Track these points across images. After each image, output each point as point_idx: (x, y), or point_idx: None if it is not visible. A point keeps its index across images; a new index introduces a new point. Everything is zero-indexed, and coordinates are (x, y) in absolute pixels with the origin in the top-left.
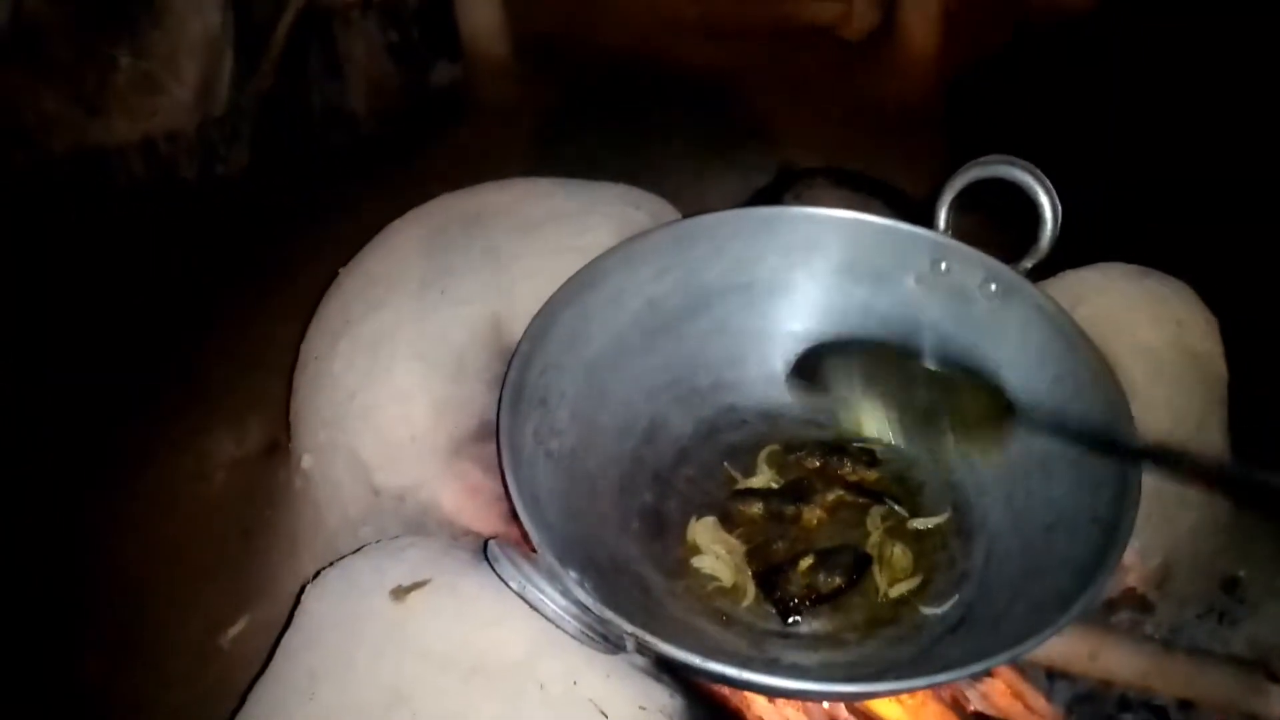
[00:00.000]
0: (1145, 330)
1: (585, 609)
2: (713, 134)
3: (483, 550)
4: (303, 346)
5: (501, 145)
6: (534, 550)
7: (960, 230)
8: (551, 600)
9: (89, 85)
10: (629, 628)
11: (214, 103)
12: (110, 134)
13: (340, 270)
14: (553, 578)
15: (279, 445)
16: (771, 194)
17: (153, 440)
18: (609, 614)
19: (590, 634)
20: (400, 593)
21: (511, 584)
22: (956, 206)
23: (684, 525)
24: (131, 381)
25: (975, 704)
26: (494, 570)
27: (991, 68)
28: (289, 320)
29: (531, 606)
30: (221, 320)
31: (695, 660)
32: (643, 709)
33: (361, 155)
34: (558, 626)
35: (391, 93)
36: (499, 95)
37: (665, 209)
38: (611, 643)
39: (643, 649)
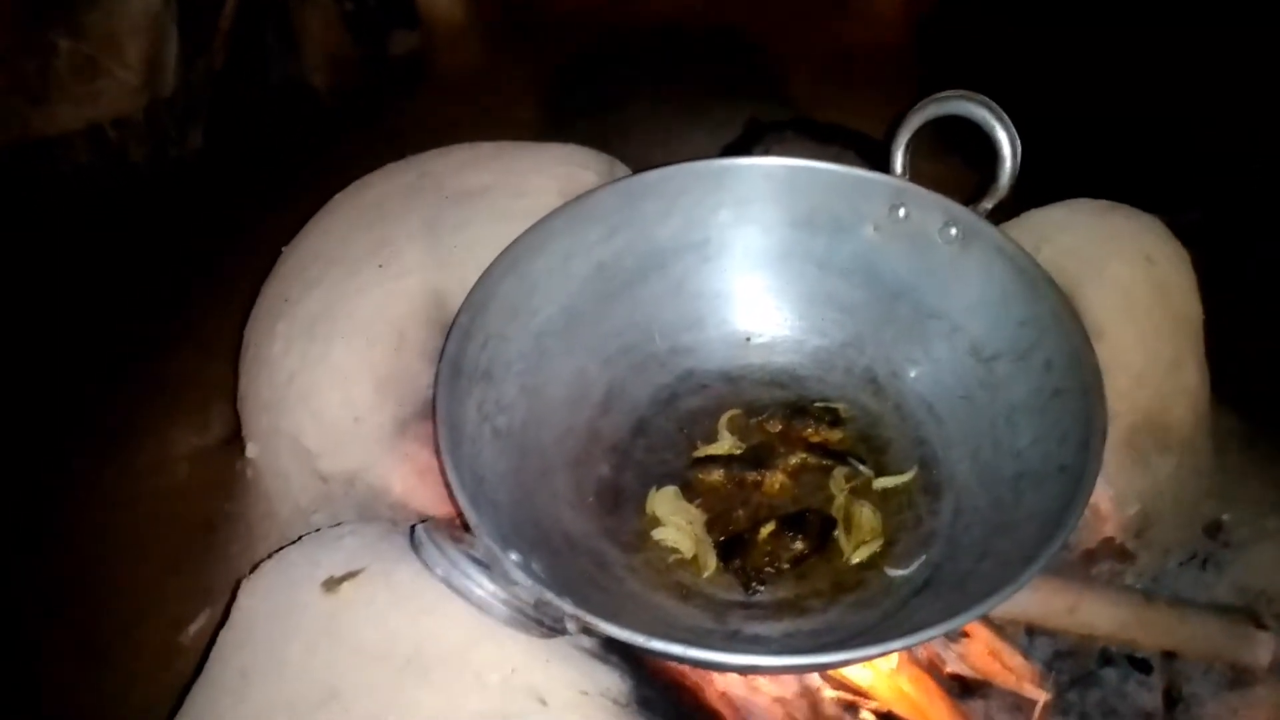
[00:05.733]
0: (1113, 268)
1: (516, 593)
2: (681, 90)
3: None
4: (245, 330)
5: (465, 113)
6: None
7: (935, 177)
8: (478, 585)
9: (28, 73)
10: (569, 609)
11: (161, 84)
12: (54, 122)
13: (283, 249)
14: (490, 561)
15: (239, 434)
16: (740, 149)
17: (113, 433)
18: (548, 595)
19: (523, 618)
20: (332, 584)
21: (436, 570)
22: (923, 151)
23: (643, 497)
24: (90, 374)
25: (952, 665)
26: (418, 556)
27: (959, 5)
28: (249, 304)
29: (457, 593)
30: (180, 307)
31: (639, 640)
32: (585, 694)
33: (321, 129)
34: (486, 613)
35: (350, 64)
36: (460, 62)
37: (615, 168)
38: (548, 626)
39: (588, 630)
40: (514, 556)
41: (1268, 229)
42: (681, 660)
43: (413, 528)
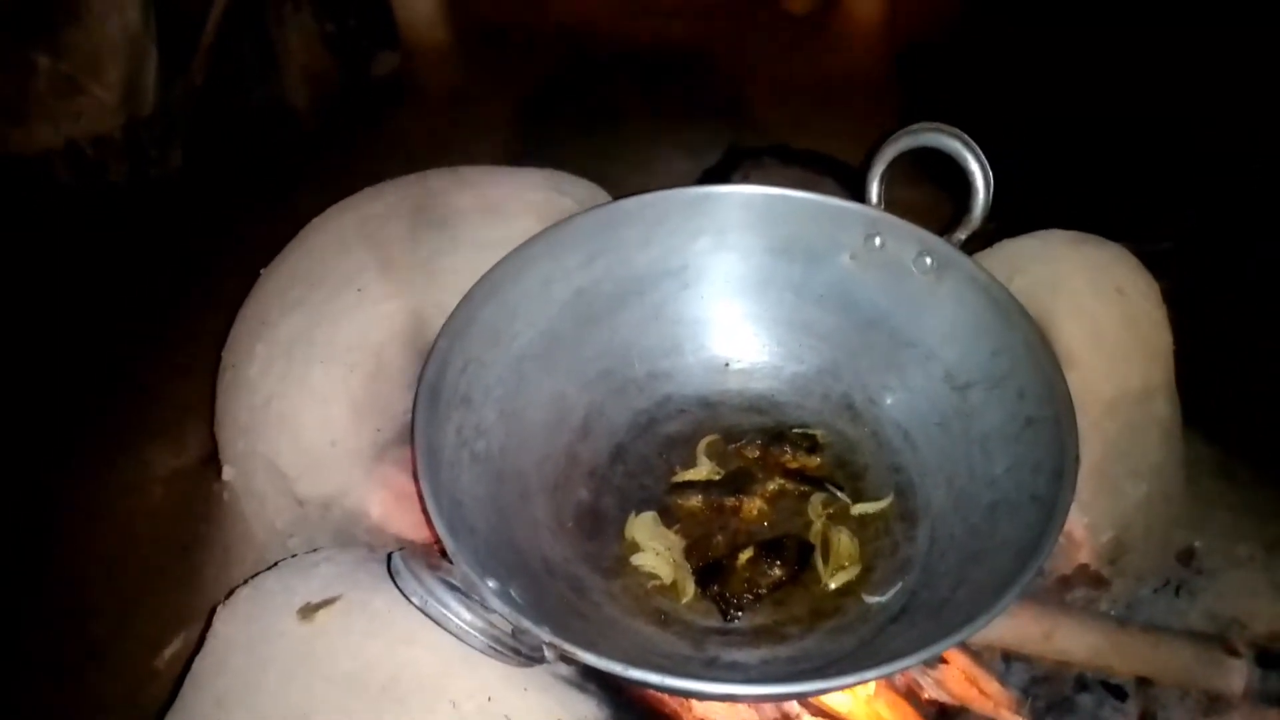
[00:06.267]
0: (1085, 298)
1: (493, 622)
2: (663, 115)
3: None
4: (223, 351)
5: (445, 135)
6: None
7: (912, 203)
8: (455, 615)
9: (7, 91)
10: (547, 637)
11: (140, 103)
12: (33, 140)
13: (262, 270)
14: (468, 587)
15: (216, 456)
16: (719, 175)
17: (89, 454)
18: (525, 623)
19: (500, 647)
20: (308, 611)
21: (413, 599)
22: (901, 176)
23: (622, 522)
24: (66, 394)
25: (929, 691)
26: (395, 584)
27: (942, 36)
28: (227, 325)
29: (434, 621)
30: (158, 327)
31: (617, 668)
32: None
33: (302, 149)
34: (463, 641)
35: (331, 85)
36: (442, 84)
37: (595, 193)
38: (526, 655)
39: (566, 658)
40: (492, 583)
41: (1237, 260)
42: (659, 688)
43: (390, 555)
